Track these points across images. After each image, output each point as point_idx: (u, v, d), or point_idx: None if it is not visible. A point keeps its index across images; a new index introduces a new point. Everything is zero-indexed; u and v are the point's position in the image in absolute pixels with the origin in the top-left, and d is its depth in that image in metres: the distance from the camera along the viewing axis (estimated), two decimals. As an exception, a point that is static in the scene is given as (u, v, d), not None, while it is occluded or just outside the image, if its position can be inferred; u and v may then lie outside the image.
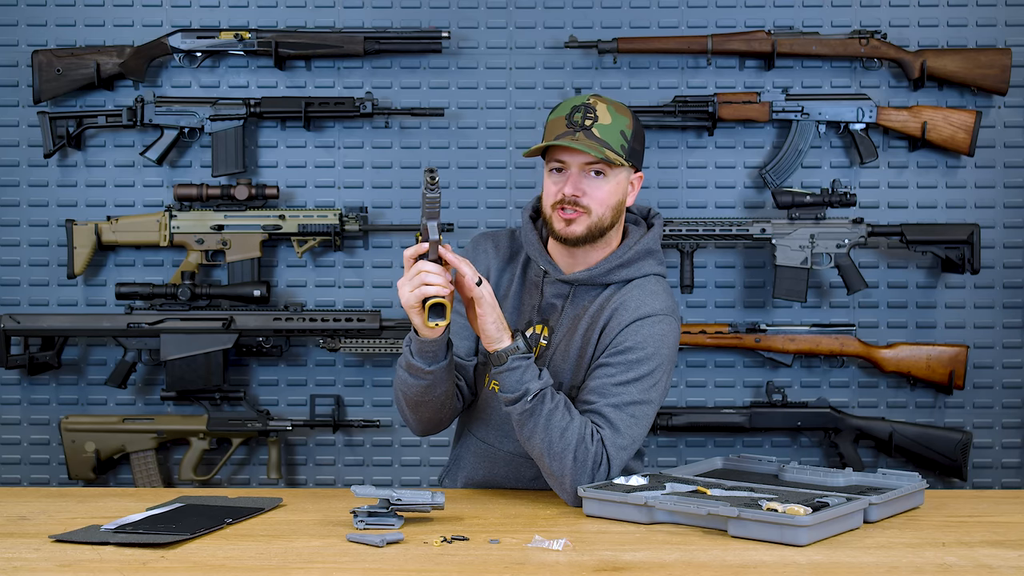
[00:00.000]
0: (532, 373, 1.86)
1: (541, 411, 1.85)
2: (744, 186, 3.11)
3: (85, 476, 3.02)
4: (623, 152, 1.97)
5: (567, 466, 1.85)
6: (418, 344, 1.90)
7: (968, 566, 1.51)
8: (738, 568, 1.49)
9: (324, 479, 3.15)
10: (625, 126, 1.98)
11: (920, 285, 3.11)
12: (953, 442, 2.96)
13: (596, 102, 1.98)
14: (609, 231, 2.03)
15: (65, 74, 3.02)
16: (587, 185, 1.97)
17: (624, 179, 2.01)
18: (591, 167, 1.96)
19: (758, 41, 3.01)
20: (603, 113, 1.97)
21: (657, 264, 2.08)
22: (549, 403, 1.86)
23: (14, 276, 3.13)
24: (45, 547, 1.61)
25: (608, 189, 1.98)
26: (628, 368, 1.94)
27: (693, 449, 3.13)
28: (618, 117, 1.98)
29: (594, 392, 1.93)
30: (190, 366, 2.96)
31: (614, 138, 1.96)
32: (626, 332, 1.97)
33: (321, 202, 3.12)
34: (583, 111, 1.97)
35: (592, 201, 1.98)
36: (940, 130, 2.99)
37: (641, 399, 1.94)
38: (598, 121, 1.96)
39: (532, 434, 1.86)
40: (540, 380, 1.86)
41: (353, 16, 3.11)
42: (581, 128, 1.95)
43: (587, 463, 1.85)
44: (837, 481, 1.88)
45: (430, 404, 1.98)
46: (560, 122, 1.97)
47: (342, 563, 1.53)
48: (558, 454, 1.85)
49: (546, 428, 1.85)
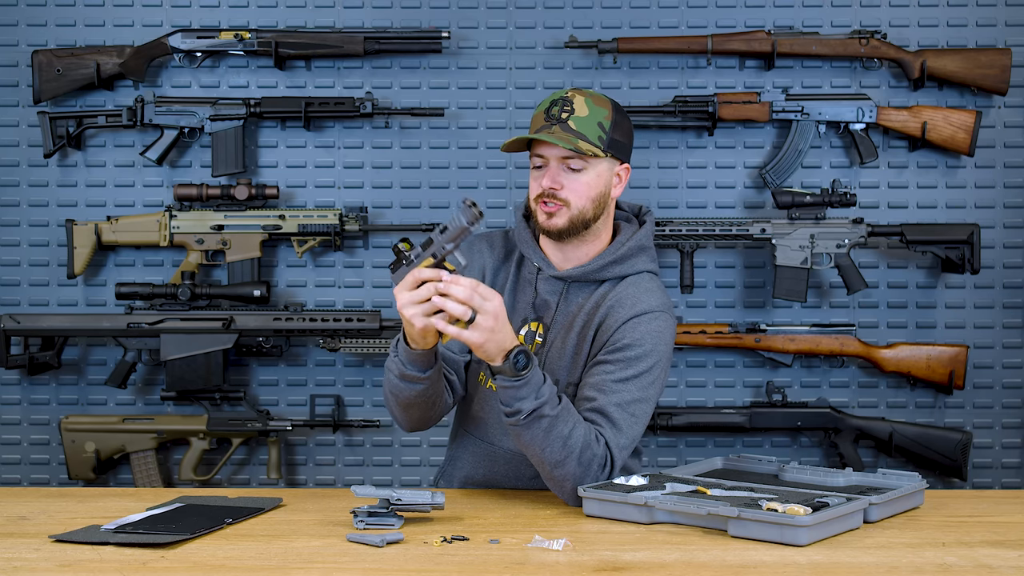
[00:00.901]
0: (528, 390, 1.80)
1: (539, 425, 1.81)
2: (744, 186, 3.11)
3: (85, 476, 3.02)
4: (601, 143, 1.98)
5: (570, 471, 1.84)
6: (409, 354, 1.88)
7: (968, 566, 1.51)
8: (738, 568, 1.49)
9: (324, 479, 3.15)
10: (603, 117, 1.99)
11: (920, 285, 3.11)
12: (953, 442, 2.96)
13: (574, 95, 2.00)
14: (594, 223, 2.03)
15: (65, 74, 3.02)
16: (565, 178, 1.99)
17: (605, 170, 2.02)
18: (568, 160, 1.98)
19: (758, 41, 3.01)
20: (580, 105, 1.98)
21: (650, 261, 2.10)
22: (549, 415, 1.81)
23: (14, 276, 3.14)
24: (45, 547, 1.61)
25: (586, 181, 1.99)
26: (627, 365, 1.94)
27: (693, 449, 3.13)
28: (596, 109, 1.99)
29: (594, 389, 1.93)
30: (190, 366, 2.96)
31: (590, 130, 1.97)
32: (623, 329, 1.97)
33: (321, 202, 3.12)
34: (560, 104, 1.99)
35: (571, 194, 1.99)
36: (940, 130, 2.99)
37: (640, 396, 1.94)
38: (574, 114, 1.97)
39: (530, 443, 1.84)
40: (535, 399, 1.80)
41: (353, 16, 3.11)
42: (558, 121, 1.97)
43: (592, 465, 1.85)
44: (837, 481, 1.88)
45: (422, 404, 1.98)
46: (539, 117, 2.00)
47: (342, 563, 1.53)
48: (560, 462, 1.83)
49: (545, 439, 1.82)
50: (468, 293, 1.72)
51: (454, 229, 1.73)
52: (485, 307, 1.74)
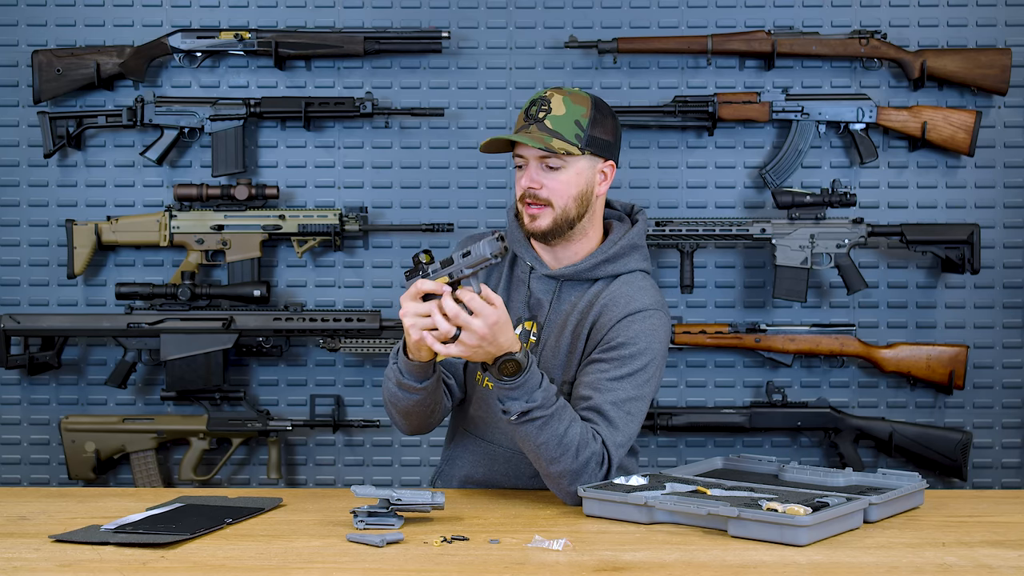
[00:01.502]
0: (522, 392, 1.81)
1: (532, 424, 1.82)
2: (744, 186, 3.11)
3: (85, 476, 3.02)
4: (578, 141, 1.98)
5: (566, 469, 1.84)
6: (407, 364, 1.90)
7: (968, 566, 1.51)
8: (738, 568, 1.49)
9: (324, 479, 3.15)
10: (581, 115, 1.99)
11: (920, 285, 3.11)
12: (953, 442, 2.96)
13: (552, 94, 2.01)
14: (579, 222, 2.04)
15: (65, 74, 3.02)
16: (544, 176, 2.00)
17: (586, 168, 2.01)
18: (545, 159, 1.99)
19: (758, 41, 3.01)
20: (557, 104, 1.99)
21: (643, 260, 2.10)
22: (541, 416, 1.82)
23: (14, 276, 3.13)
24: (45, 547, 1.61)
25: (565, 180, 1.99)
26: (622, 364, 1.94)
27: (693, 449, 3.13)
28: (574, 107, 1.99)
29: (589, 388, 1.93)
30: (190, 366, 2.96)
31: (567, 128, 1.98)
32: (618, 328, 1.97)
33: (321, 202, 3.12)
34: (538, 104, 2.00)
35: (551, 193, 2.00)
36: (940, 130, 2.99)
37: (635, 395, 1.95)
38: (551, 113, 1.98)
39: (524, 440, 1.86)
40: (526, 402, 1.82)
41: (353, 16, 3.11)
42: (535, 121, 1.98)
43: (589, 463, 1.85)
44: (837, 481, 1.88)
45: (419, 413, 1.99)
46: (521, 117, 2.02)
47: (342, 563, 1.53)
48: (555, 459, 1.84)
49: (539, 436, 1.83)
50: (454, 311, 1.74)
51: (476, 257, 1.76)
52: (472, 324, 1.75)
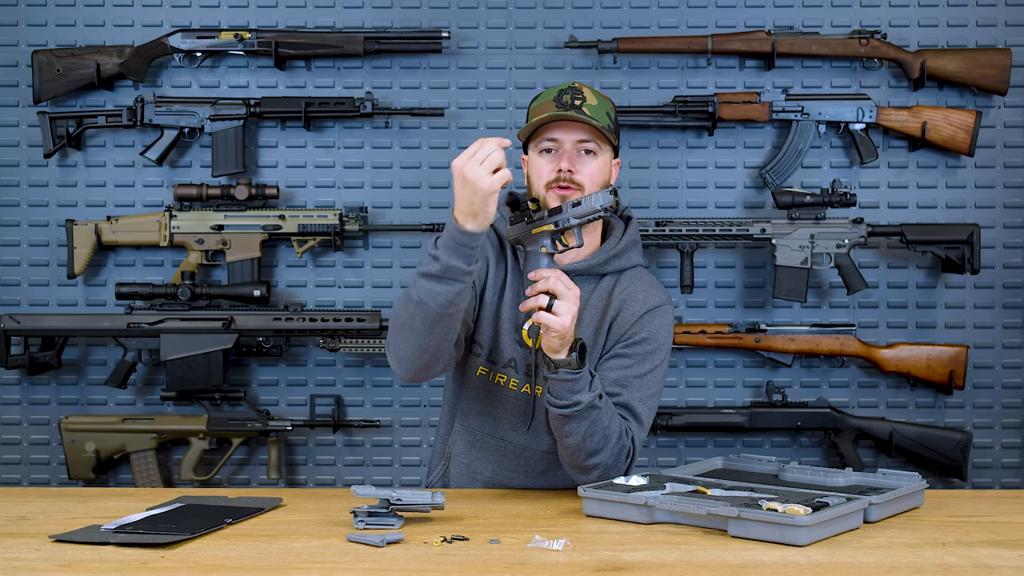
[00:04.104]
0: (583, 383, 1.85)
1: (588, 416, 1.87)
2: (744, 186, 3.11)
3: (85, 476, 3.02)
4: (611, 132, 2.02)
5: (603, 461, 1.91)
6: (460, 236, 1.77)
7: (968, 566, 1.51)
8: (738, 568, 1.49)
9: (324, 479, 3.15)
10: (610, 108, 2.05)
11: (920, 285, 3.11)
12: (953, 442, 2.96)
13: (581, 86, 2.04)
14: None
15: (65, 74, 3.02)
16: (579, 161, 2.01)
17: (609, 160, 2.06)
18: (583, 145, 2.00)
19: (758, 41, 3.01)
20: (590, 95, 2.02)
21: (640, 255, 2.16)
22: (600, 406, 1.87)
23: (14, 276, 3.13)
24: (45, 547, 1.61)
25: (597, 167, 2.02)
26: (644, 359, 2.01)
27: (693, 449, 3.13)
28: (603, 101, 2.05)
29: (617, 384, 1.99)
30: (190, 366, 2.96)
31: (602, 118, 2.01)
32: (640, 323, 2.03)
33: (321, 202, 3.12)
34: (571, 93, 2.01)
35: (585, 178, 2.01)
36: (940, 130, 2.99)
37: (656, 391, 2.03)
38: (587, 102, 2.00)
39: (574, 432, 1.88)
40: (590, 391, 1.86)
41: (353, 16, 3.11)
42: (572, 107, 1.99)
43: (621, 456, 1.93)
44: (837, 481, 1.88)
45: (449, 322, 1.84)
46: (548, 105, 2.01)
47: (342, 563, 1.53)
48: (597, 451, 1.90)
49: (590, 428, 1.88)
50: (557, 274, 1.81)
51: (586, 207, 1.81)
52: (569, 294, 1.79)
